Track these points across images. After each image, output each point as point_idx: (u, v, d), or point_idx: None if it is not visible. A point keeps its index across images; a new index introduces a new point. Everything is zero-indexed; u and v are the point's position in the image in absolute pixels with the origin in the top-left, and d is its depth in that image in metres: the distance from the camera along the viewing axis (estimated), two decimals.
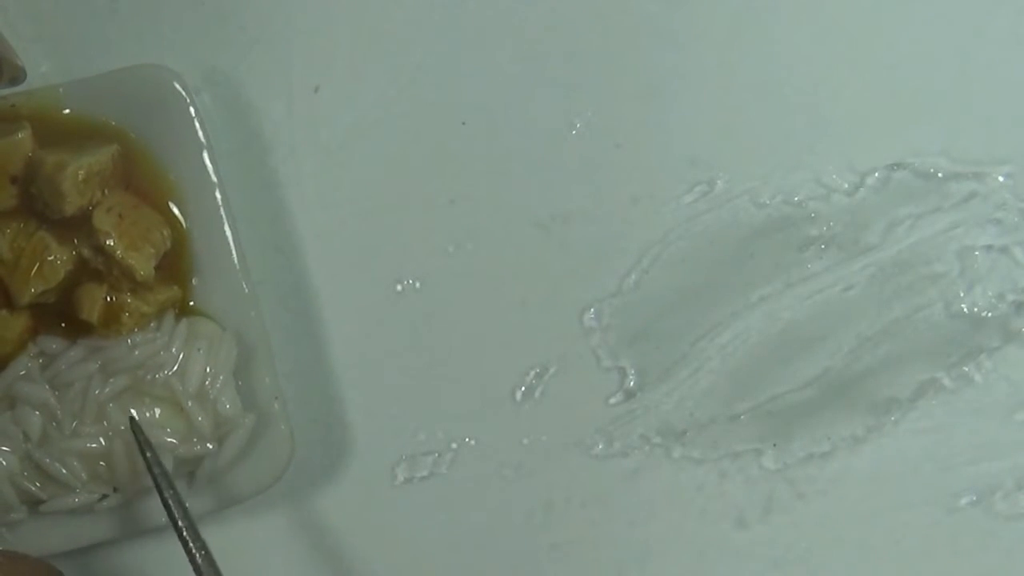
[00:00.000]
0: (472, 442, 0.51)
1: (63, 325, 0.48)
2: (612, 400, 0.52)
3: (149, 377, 0.47)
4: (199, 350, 0.48)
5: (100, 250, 0.47)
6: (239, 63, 0.51)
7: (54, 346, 0.48)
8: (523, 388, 0.52)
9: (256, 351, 0.49)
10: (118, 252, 0.47)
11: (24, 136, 0.47)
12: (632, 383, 0.52)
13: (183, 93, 0.48)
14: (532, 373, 0.51)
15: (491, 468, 0.51)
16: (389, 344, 0.51)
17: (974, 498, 0.51)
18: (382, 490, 0.51)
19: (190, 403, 0.47)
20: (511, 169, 0.51)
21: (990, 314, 0.51)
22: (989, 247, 0.51)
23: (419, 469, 0.51)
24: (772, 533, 0.51)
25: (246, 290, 0.49)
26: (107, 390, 0.47)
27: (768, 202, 0.52)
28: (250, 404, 0.48)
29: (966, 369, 0.51)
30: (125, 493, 0.48)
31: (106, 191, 0.47)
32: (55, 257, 0.47)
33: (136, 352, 0.47)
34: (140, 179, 0.49)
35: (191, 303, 0.49)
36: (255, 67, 0.51)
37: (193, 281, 0.49)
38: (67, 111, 0.48)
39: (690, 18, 0.52)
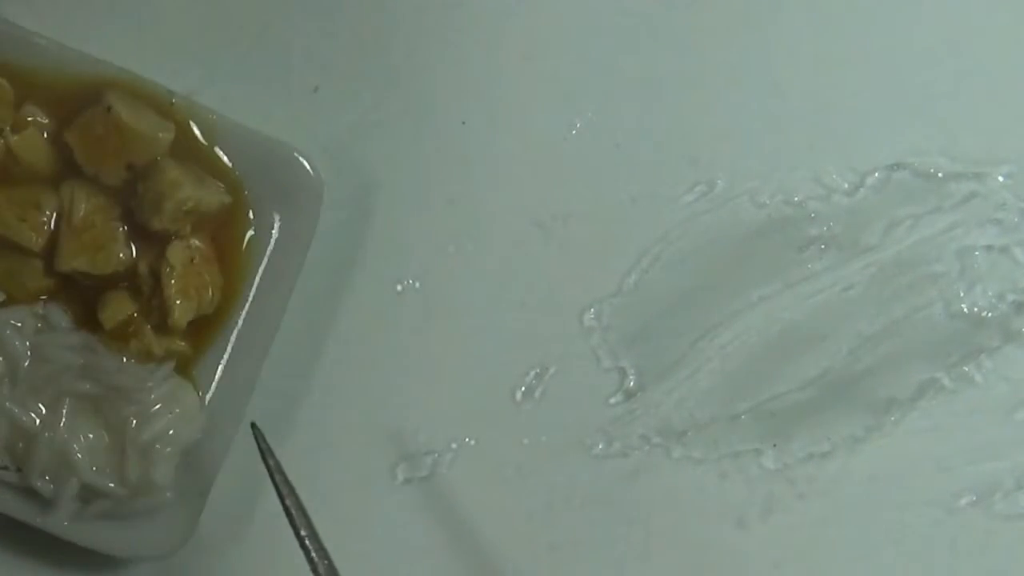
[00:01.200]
0: (472, 442, 0.51)
1: (78, 309, 0.48)
2: (612, 400, 0.52)
3: (117, 404, 0.47)
4: (171, 413, 0.48)
5: (156, 276, 0.47)
6: (239, 64, 0.51)
7: (60, 321, 0.48)
8: (523, 388, 0.52)
9: (214, 447, 0.48)
10: (169, 289, 0.47)
11: (165, 138, 0.47)
12: (632, 383, 0.52)
13: (318, 201, 0.48)
14: (532, 373, 0.52)
15: (491, 468, 0.51)
16: (389, 344, 0.51)
17: (974, 498, 0.51)
18: (382, 490, 0.51)
19: (131, 449, 0.47)
20: (511, 169, 0.51)
21: (990, 314, 0.51)
22: (989, 247, 0.52)
23: (419, 469, 0.51)
24: (772, 533, 0.51)
25: (241, 403, 0.49)
26: (75, 386, 0.47)
27: (768, 202, 0.52)
28: (177, 481, 0.48)
29: (966, 369, 0.51)
30: (25, 478, 0.47)
31: (194, 230, 0.48)
32: (115, 252, 0.47)
33: (122, 376, 0.47)
34: (228, 241, 0.48)
35: (193, 371, 0.49)
36: (255, 67, 0.51)
37: (209, 354, 0.49)
38: (211, 142, 0.48)
39: (690, 18, 0.52)
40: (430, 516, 0.51)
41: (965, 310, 0.52)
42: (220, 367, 0.49)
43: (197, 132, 0.48)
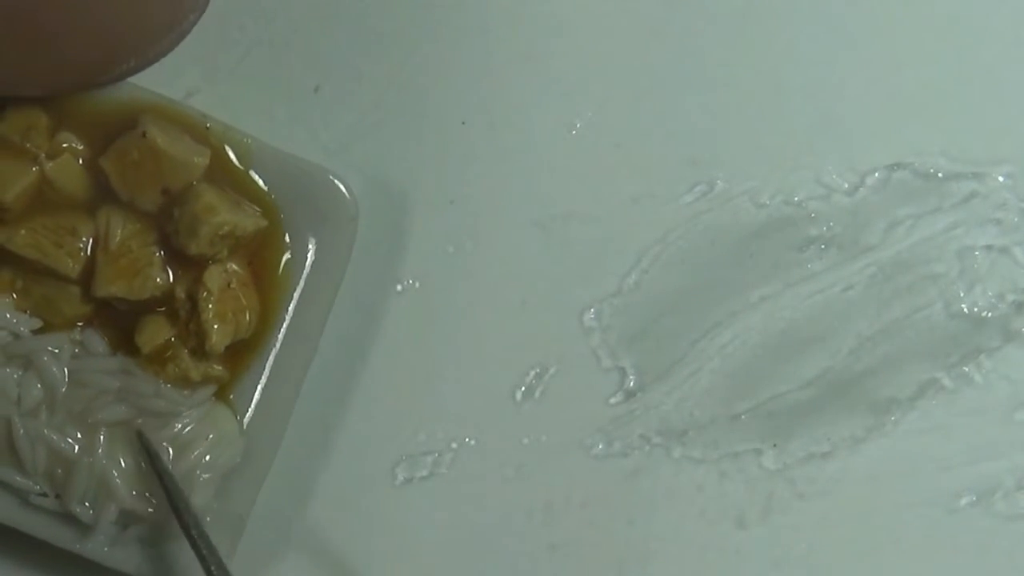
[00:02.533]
0: (472, 442, 0.51)
1: (115, 334, 0.48)
2: (612, 400, 0.52)
3: (152, 429, 0.47)
4: (208, 437, 0.47)
5: (193, 301, 0.47)
6: (239, 64, 0.51)
7: (97, 347, 0.47)
8: (523, 388, 0.52)
9: (253, 472, 0.48)
10: (206, 314, 0.47)
11: (200, 163, 0.47)
12: (632, 383, 0.52)
13: (354, 223, 0.48)
14: (532, 373, 0.52)
15: (491, 468, 0.51)
16: (389, 344, 0.51)
17: (974, 498, 0.51)
18: (382, 490, 0.51)
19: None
20: (511, 169, 0.51)
21: (990, 314, 0.51)
22: (989, 247, 0.51)
23: (419, 469, 0.51)
24: (772, 533, 0.51)
25: (279, 427, 0.49)
26: (110, 412, 0.47)
27: (768, 202, 0.52)
28: (215, 505, 0.48)
29: (966, 369, 0.51)
30: (64, 504, 0.47)
31: (230, 255, 0.48)
32: (152, 277, 0.47)
33: (159, 400, 0.47)
34: (264, 265, 0.48)
35: (231, 395, 0.48)
36: (255, 67, 0.51)
37: (246, 378, 0.48)
38: (246, 166, 0.48)
39: (690, 18, 0.52)
40: (430, 516, 0.51)
41: (965, 310, 0.52)
42: (257, 391, 0.48)
43: (232, 156, 0.48)
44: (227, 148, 0.48)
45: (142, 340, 0.47)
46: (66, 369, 0.47)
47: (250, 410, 0.48)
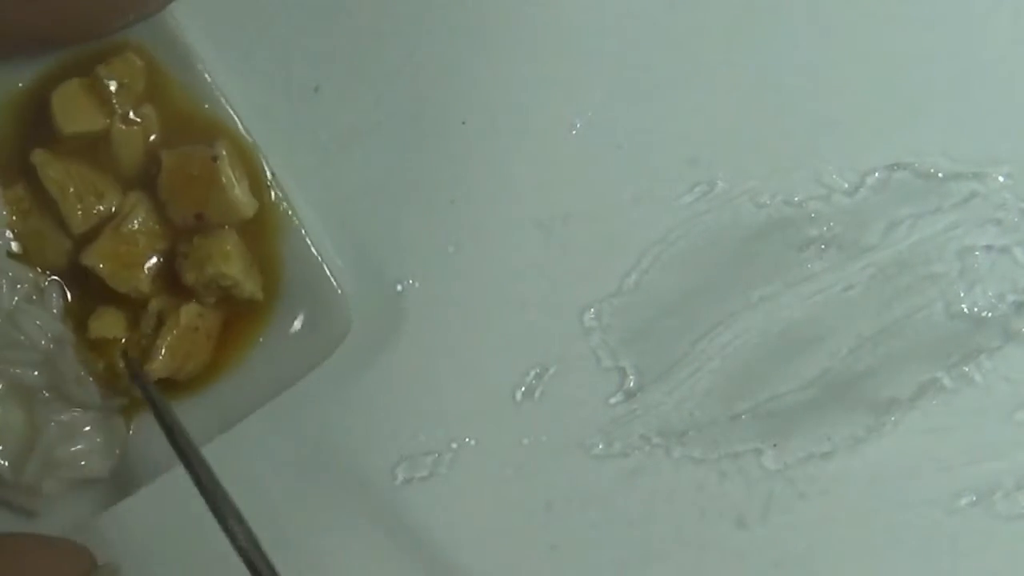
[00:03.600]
0: (472, 442, 0.51)
1: (76, 305, 0.48)
2: (612, 400, 0.52)
3: (52, 406, 0.47)
4: (95, 440, 0.47)
5: (159, 321, 0.47)
6: (239, 63, 0.51)
7: (52, 304, 0.47)
8: (523, 388, 0.52)
9: (103, 495, 0.48)
10: (162, 340, 0.46)
11: (244, 213, 0.47)
12: (632, 383, 0.52)
13: (327, 354, 0.48)
14: (532, 373, 0.52)
15: (491, 468, 0.51)
16: (389, 344, 0.51)
17: (974, 498, 0.51)
18: (382, 490, 0.51)
19: (38, 452, 0.46)
20: (511, 169, 0.51)
21: (990, 314, 0.51)
22: (989, 247, 0.52)
23: (419, 469, 0.51)
24: (772, 533, 0.51)
25: (155, 470, 0.48)
26: (23, 374, 0.46)
27: (768, 202, 0.52)
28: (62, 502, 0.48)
29: (966, 369, 0.51)
30: None
31: (216, 304, 0.48)
32: (138, 278, 0.47)
33: (75, 387, 0.47)
34: (236, 333, 0.48)
35: (134, 416, 0.48)
36: (255, 66, 0.51)
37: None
38: (278, 239, 0.48)
39: (690, 18, 0.52)
40: (430, 516, 0.51)
41: (965, 310, 0.52)
42: (158, 429, 0.47)
43: (273, 222, 0.48)
44: (272, 212, 0.48)
45: (94, 325, 0.47)
46: (14, 304, 0.46)
47: (141, 439, 0.48)
